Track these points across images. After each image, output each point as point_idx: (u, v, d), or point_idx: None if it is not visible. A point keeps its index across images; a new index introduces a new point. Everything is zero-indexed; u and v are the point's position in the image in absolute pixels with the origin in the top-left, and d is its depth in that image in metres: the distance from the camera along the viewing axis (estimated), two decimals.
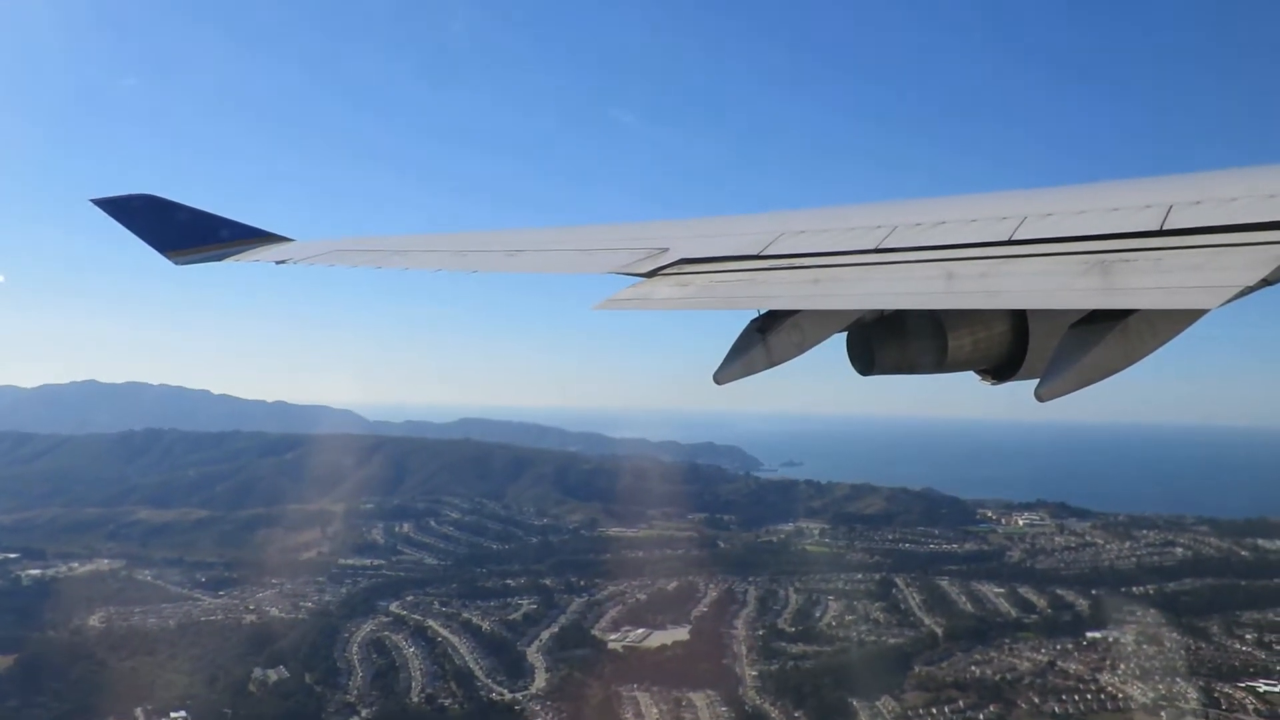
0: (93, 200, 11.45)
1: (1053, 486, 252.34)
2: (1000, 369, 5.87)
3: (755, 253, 6.33)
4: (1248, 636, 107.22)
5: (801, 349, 5.82)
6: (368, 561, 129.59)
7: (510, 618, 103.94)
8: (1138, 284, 4.21)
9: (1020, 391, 5.39)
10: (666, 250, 6.86)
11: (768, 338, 5.73)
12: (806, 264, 5.91)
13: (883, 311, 5.81)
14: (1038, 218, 5.39)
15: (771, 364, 5.78)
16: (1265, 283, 3.90)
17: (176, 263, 11.23)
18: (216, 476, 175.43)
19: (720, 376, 5.78)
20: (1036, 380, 4.59)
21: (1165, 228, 4.67)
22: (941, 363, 5.72)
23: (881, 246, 5.74)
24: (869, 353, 5.90)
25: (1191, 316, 4.41)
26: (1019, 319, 5.72)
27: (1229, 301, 3.84)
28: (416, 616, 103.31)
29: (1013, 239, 5.19)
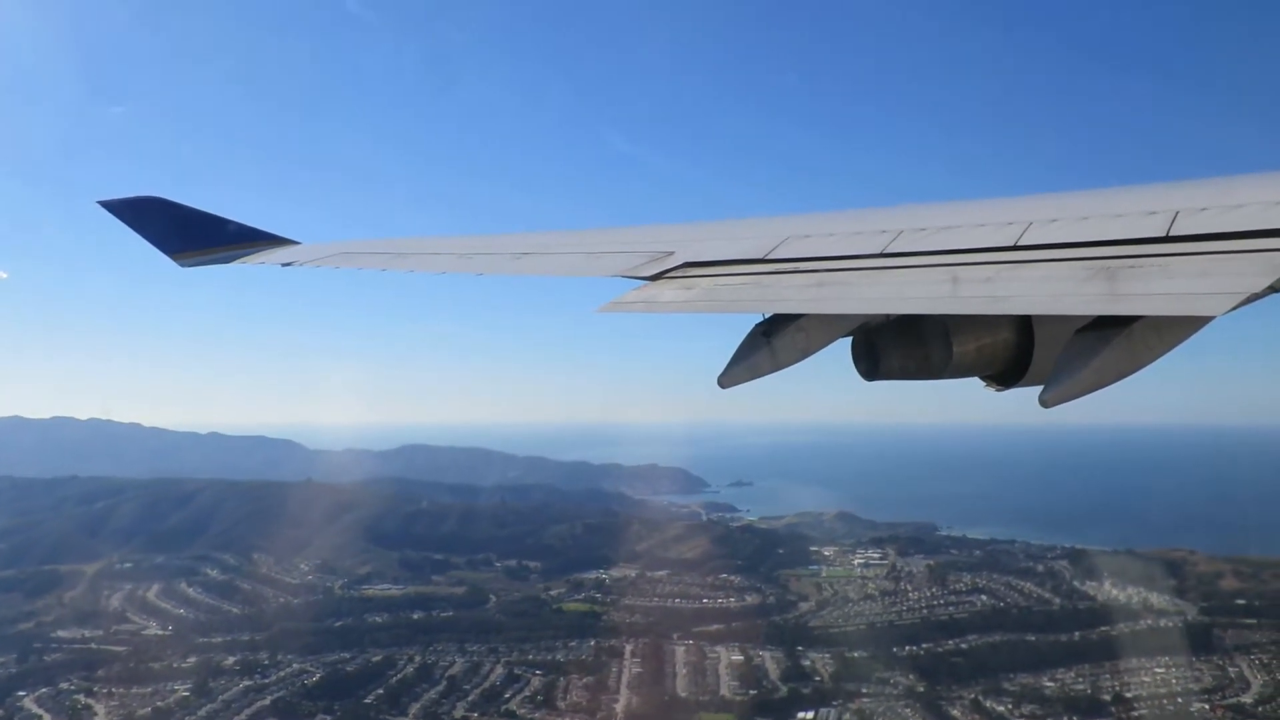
0: (100, 202, 11.25)
1: (998, 504, 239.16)
2: (1005, 375, 5.79)
3: (760, 256, 6.21)
4: (998, 709, 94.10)
5: (806, 353, 5.79)
6: (81, 634, 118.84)
7: (140, 712, 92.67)
8: (1143, 290, 4.17)
9: (1028, 396, 5.39)
10: (672, 254, 6.72)
11: (772, 341, 5.69)
12: (812, 268, 5.81)
13: (888, 316, 5.78)
14: (1043, 223, 5.32)
15: (776, 368, 5.74)
16: (1272, 289, 3.88)
17: (182, 265, 11.01)
18: (9, 531, 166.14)
19: (724, 380, 5.75)
20: (1041, 386, 4.58)
21: (1171, 234, 4.61)
22: (946, 368, 5.62)
23: (887, 251, 5.65)
24: (874, 358, 5.84)
25: (1197, 323, 4.44)
26: (1024, 325, 5.63)
27: (1235, 308, 3.81)
28: (37, 710, 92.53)
29: (1018, 244, 5.12)
